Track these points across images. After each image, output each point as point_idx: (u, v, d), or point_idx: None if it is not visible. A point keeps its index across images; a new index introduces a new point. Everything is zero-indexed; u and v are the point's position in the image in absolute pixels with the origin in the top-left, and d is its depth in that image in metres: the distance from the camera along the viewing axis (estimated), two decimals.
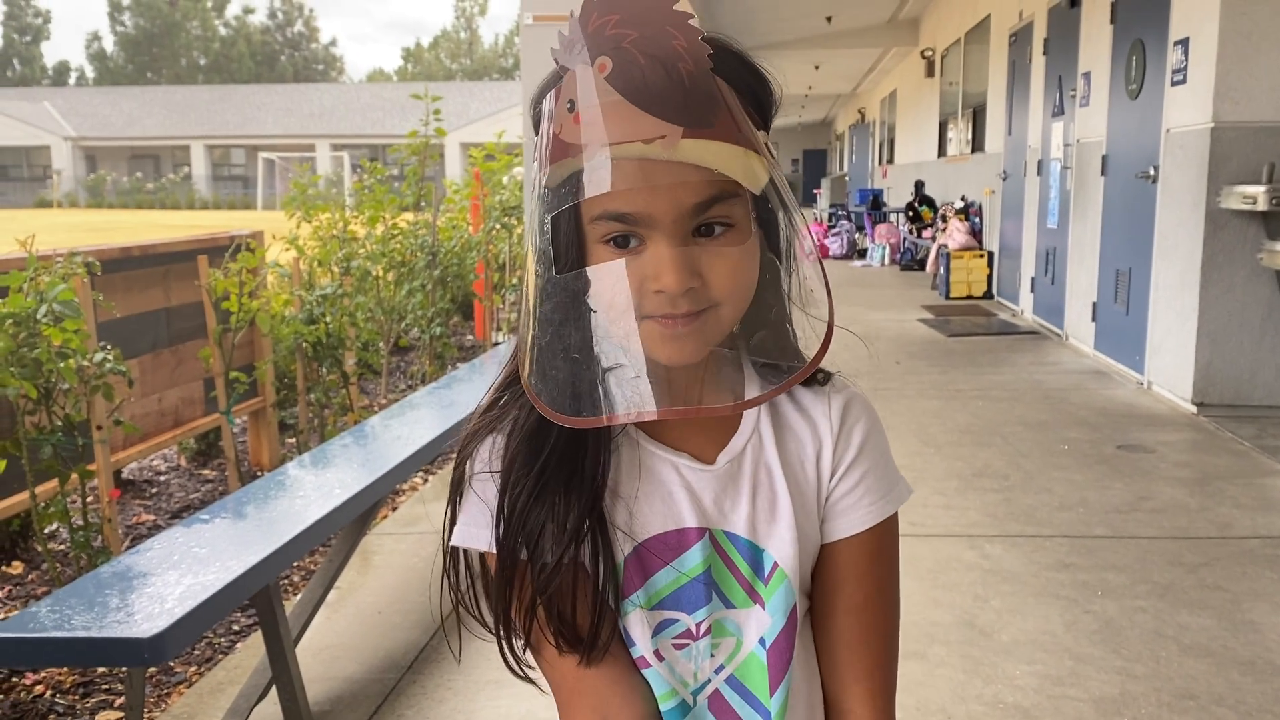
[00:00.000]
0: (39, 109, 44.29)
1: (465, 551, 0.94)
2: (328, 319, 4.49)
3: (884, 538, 0.97)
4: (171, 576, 1.97)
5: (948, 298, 9.82)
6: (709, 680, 0.94)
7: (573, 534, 0.88)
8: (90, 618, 1.82)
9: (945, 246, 10.15)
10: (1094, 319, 6.73)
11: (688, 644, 0.93)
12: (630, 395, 0.81)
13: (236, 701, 2.43)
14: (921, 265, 12.00)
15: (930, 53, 13.42)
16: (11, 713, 2.55)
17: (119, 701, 2.60)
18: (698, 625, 0.93)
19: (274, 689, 2.32)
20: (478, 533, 0.92)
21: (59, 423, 2.82)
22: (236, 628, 3.07)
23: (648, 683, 0.92)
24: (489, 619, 0.94)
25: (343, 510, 2.40)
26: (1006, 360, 6.76)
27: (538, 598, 0.89)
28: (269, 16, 74.84)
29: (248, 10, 74.36)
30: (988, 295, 9.78)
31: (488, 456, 0.92)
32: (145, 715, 2.34)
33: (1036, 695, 2.50)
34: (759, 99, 0.88)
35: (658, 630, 0.92)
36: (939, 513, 3.78)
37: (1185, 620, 2.88)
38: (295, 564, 3.37)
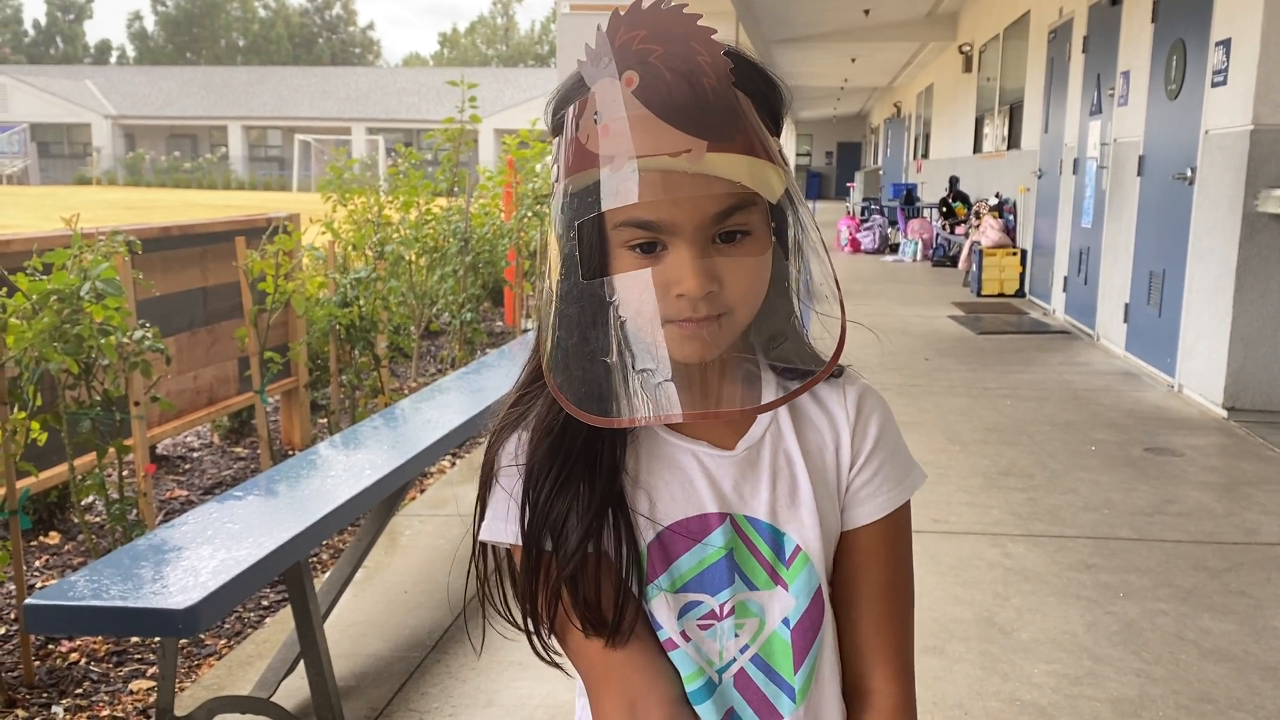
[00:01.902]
0: (80, 87, 44.78)
1: (492, 545, 0.99)
2: (361, 302, 4.54)
3: (900, 523, 1.02)
4: (205, 551, 2.02)
5: (979, 295, 9.77)
6: (734, 660, 0.97)
7: (595, 521, 0.92)
8: (126, 588, 1.87)
9: (978, 243, 10.10)
10: (1126, 320, 6.68)
11: (712, 624, 0.96)
12: (655, 398, 0.86)
13: (265, 674, 2.49)
14: (954, 261, 11.93)
15: (968, 48, 13.32)
16: (48, 679, 2.62)
17: (151, 671, 2.67)
18: (721, 606, 0.96)
19: (301, 663, 2.37)
20: (504, 526, 0.96)
21: (98, 398, 2.88)
22: (266, 603, 3.13)
23: (674, 665, 0.96)
24: (513, 610, 0.99)
25: (372, 491, 2.44)
26: (1036, 359, 6.72)
27: (563, 584, 0.92)
28: None
29: None
30: (1019, 293, 9.72)
31: (514, 451, 0.96)
32: (176, 685, 2.40)
33: (1054, 694, 2.51)
34: (773, 107, 0.91)
35: (683, 612, 0.96)
36: (962, 510, 3.79)
37: (1207, 624, 2.88)
38: (324, 542, 3.43)
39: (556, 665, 1.00)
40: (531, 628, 0.97)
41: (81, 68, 56.32)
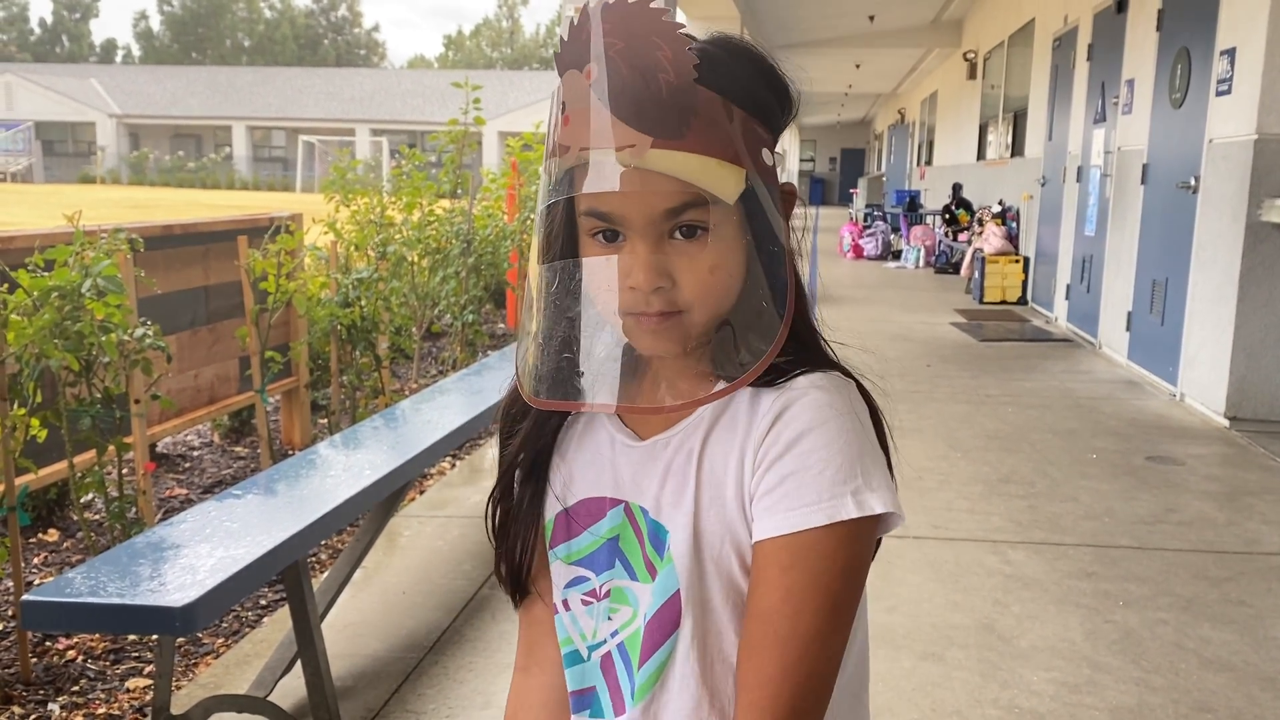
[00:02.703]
0: (86, 86, 44.83)
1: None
2: (363, 302, 4.54)
3: (806, 551, 0.87)
4: (204, 549, 2.02)
5: (981, 302, 9.77)
6: (604, 641, 1.00)
7: (521, 486, 1.03)
8: (124, 585, 1.87)
9: (981, 250, 10.09)
10: (1128, 328, 6.67)
11: (592, 602, 1.01)
12: (594, 386, 0.90)
13: (262, 674, 2.49)
14: (956, 268, 11.93)
15: (972, 55, 13.33)
16: (45, 676, 2.61)
17: (148, 669, 2.66)
18: (600, 587, 1.00)
19: (299, 663, 2.36)
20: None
21: (98, 395, 2.88)
22: (264, 602, 3.12)
23: None
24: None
25: (371, 491, 2.44)
26: (1038, 367, 6.72)
27: (492, 534, 1.06)
28: (313, 0, 75.38)
29: None
30: (1022, 301, 9.72)
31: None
32: (173, 683, 2.39)
33: (1053, 702, 2.50)
34: (764, 105, 0.89)
35: (571, 584, 1.02)
36: (963, 517, 3.78)
37: (1207, 634, 2.87)
38: (323, 542, 3.42)
39: (515, 605, 1.09)
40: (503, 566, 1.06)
41: (87, 66, 56.40)
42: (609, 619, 0.99)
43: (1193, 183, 5.59)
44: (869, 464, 0.89)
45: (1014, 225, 10.22)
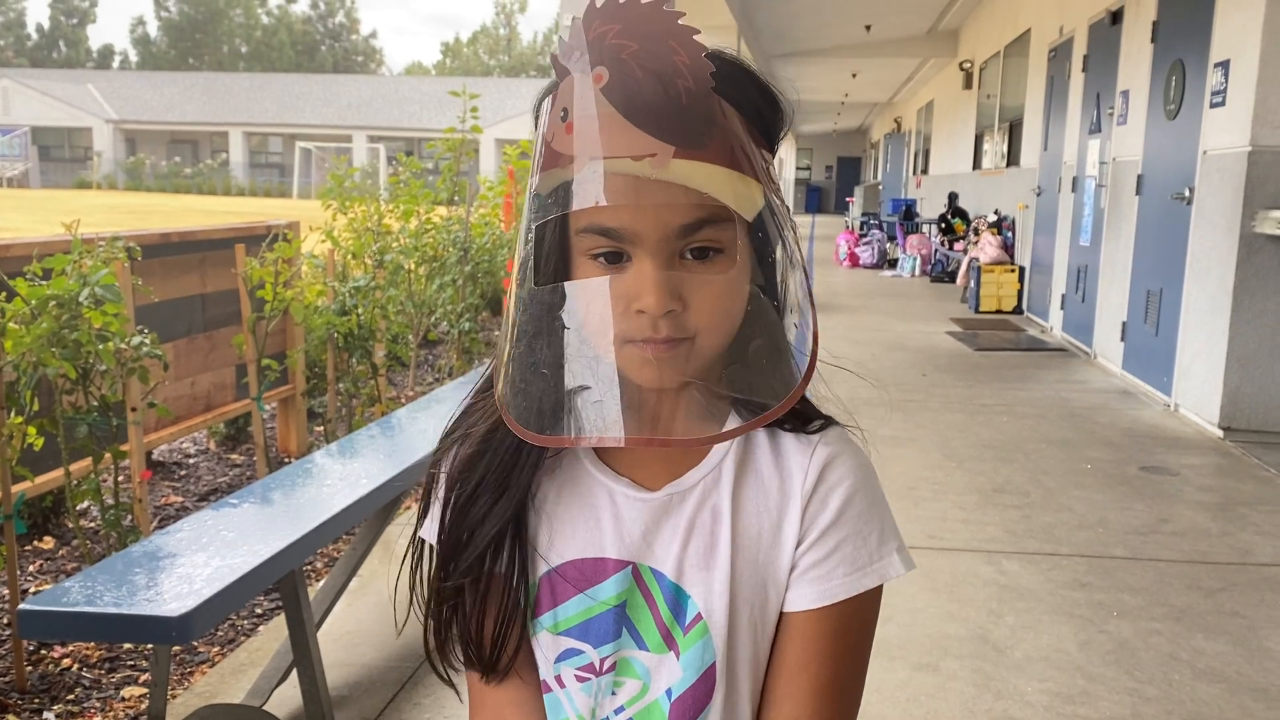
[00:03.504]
0: (82, 91, 44.83)
1: (428, 545, 0.96)
2: (359, 311, 4.55)
3: (855, 615, 0.88)
4: (200, 558, 2.02)
5: (977, 311, 9.79)
6: (607, 719, 0.90)
7: (487, 547, 0.89)
8: (120, 595, 1.87)
9: (976, 260, 10.12)
10: (1123, 339, 6.69)
11: (590, 678, 0.89)
12: (598, 418, 0.78)
13: (258, 683, 2.49)
14: (952, 277, 11.95)
15: (969, 65, 13.37)
16: (40, 684, 2.61)
17: (143, 678, 2.66)
18: (602, 660, 0.89)
19: (294, 672, 2.36)
20: (431, 527, 0.94)
21: (95, 403, 2.88)
22: (259, 611, 3.12)
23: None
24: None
25: (367, 500, 2.44)
26: (1033, 377, 6.73)
27: (445, 607, 0.90)
28: (310, 7, 75.47)
29: None
30: (1017, 310, 9.74)
31: (453, 457, 0.93)
32: (168, 692, 2.39)
33: (1047, 712, 2.51)
34: (765, 120, 0.84)
35: (562, 657, 0.90)
36: (957, 527, 3.79)
37: (1200, 644, 2.88)
38: (319, 551, 3.42)
39: (447, 681, 0.93)
40: (433, 638, 0.93)
41: (84, 72, 56.38)
42: (613, 694, 0.89)
43: (1187, 194, 5.61)
44: (892, 518, 0.91)
45: (1009, 235, 10.25)
